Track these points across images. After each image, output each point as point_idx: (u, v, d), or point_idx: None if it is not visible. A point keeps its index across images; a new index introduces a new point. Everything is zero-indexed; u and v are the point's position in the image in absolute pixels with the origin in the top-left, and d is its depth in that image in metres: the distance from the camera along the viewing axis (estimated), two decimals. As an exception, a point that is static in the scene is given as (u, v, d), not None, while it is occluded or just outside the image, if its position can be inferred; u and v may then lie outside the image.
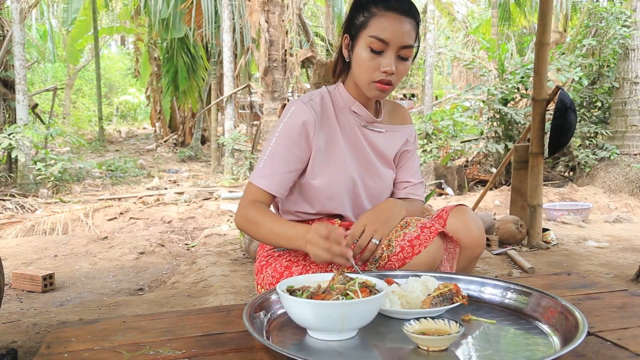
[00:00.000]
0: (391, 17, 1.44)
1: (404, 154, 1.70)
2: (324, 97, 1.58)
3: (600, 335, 1.03)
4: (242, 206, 1.50)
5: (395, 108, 1.72)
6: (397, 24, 1.44)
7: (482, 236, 1.55)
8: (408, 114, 1.76)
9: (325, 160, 1.53)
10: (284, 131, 1.50)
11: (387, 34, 1.43)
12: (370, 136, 1.60)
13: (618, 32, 7.92)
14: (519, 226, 4.33)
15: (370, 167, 1.60)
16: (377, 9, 1.45)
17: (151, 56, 14.72)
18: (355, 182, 1.57)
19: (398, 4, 1.45)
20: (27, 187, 8.08)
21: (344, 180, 1.55)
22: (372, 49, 1.45)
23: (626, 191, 7.56)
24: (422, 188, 1.74)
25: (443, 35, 17.09)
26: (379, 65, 1.45)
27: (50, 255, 4.46)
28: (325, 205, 1.56)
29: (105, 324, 1.16)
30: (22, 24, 8.49)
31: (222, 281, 3.33)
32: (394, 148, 1.66)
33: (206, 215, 6.40)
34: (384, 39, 1.43)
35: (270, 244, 1.50)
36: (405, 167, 1.71)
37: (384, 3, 1.45)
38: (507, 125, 8.26)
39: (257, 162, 1.55)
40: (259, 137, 10.98)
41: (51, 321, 2.66)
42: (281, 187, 1.50)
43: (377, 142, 1.61)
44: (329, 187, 1.54)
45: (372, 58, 1.46)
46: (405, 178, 1.71)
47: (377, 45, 1.44)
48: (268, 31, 8.62)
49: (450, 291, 1.11)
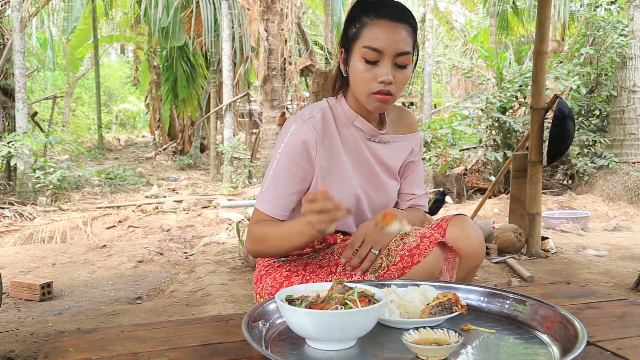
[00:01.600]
0: (383, 24, 1.40)
1: (409, 165, 1.67)
2: (325, 112, 1.53)
3: (600, 344, 1.02)
4: (248, 232, 1.49)
5: (401, 115, 1.67)
6: (389, 32, 1.40)
7: (482, 246, 1.54)
8: (414, 120, 1.71)
9: (328, 179, 1.50)
10: (284, 153, 1.46)
11: (380, 42, 1.39)
12: (375, 148, 1.56)
13: (615, 41, 7.95)
14: (518, 234, 4.32)
15: (376, 180, 1.57)
16: (369, 18, 1.42)
17: (151, 64, 14.75)
18: (359, 199, 1.55)
19: (389, 11, 1.41)
20: (26, 195, 8.07)
21: (348, 198, 1.52)
22: (367, 59, 1.41)
23: (625, 199, 7.56)
24: (426, 199, 1.71)
25: (442, 44, 17.19)
26: (376, 76, 1.41)
27: (49, 264, 4.45)
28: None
29: (104, 333, 1.15)
30: (22, 32, 8.52)
31: (221, 290, 3.32)
32: (399, 159, 1.62)
33: (205, 224, 6.38)
34: (377, 47, 1.39)
35: (286, 250, 1.45)
36: (410, 178, 1.68)
37: (375, 11, 1.42)
38: (505, 133, 8.27)
39: (260, 185, 1.52)
40: (257, 145, 10.99)
41: (49, 330, 2.64)
42: (285, 210, 1.48)
43: (382, 154, 1.58)
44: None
45: (368, 69, 1.41)
46: (410, 190, 1.68)
47: (371, 55, 1.40)
48: (267, 40, 8.64)
49: (450, 300, 1.11)
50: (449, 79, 19.11)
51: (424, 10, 14.52)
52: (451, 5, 20.79)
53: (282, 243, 1.42)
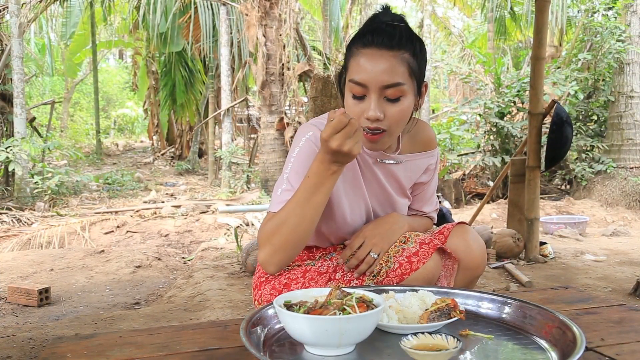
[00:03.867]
0: (368, 54, 1.27)
1: (419, 185, 1.60)
2: None
3: (599, 350, 1.02)
4: (259, 238, 1.36)
5: (419, 130, 1.55)
6: (373, 62, 1.26)
7: (484, 257, 1.51)
8: (433, 135, 1.58)
9: (341, 188, 1.43)
10: (300, 156, 1.37)
11: (363, 74, 1.26)
12: (387, 168, 1.49)
13: (613, 46, 7.99)
14: (516, 240, 4.32)
15: (384, 199, 1.52)
16: (356, 47, 1.30)
17: (149, 70, 14.77)
18: (369, 215, 1.51)
19: (375, 38, 1.28)
20: (24, 201, 8.06)
21: (361, 210, 1.48)
22: (354, 94, 1.30)
23: (623, 204, 7.57)
24: (435, 213, 1.68)
25: (440, 49, 17.23)
26: (363, 112, 1.29)
27: (47, 269, 4.44)
28: (336, 234, 1.51)
29: (102, 339, 1.15)
30: (20, 38, 8.53)
31: (219, 295, 3.32)
32: (412, 179, 1.56)
33: (203, 229, 6.38)
34: (359, 81, 1.27)
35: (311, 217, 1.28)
36: (420, 195, 1.63)
37: (361, 39, 1.30)
38: (503, 138, 8.29)
39: (274, 191, 1.40)
40: (256, 150, 10.99)
41: (47, 336, 2.63)
42: None
43: (395, 174, 1.51)
44: (348, 222, 1.47)
45: (356, 104, 1.30)
46: (419, 207, 1.65)
47: (357, 89, 1.28)
48: (265, 45, 8.67)
49: (448, 306, 1.11)
50: (447, 84, 19.16)
51: (422, 15, 14.56)
52: (449, 10, 20.88)
53: (304, 209, 1.26)
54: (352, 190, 1.46)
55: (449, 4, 17.99)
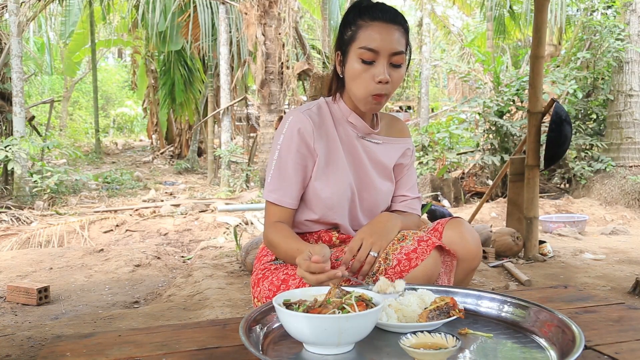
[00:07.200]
0: (378, 26, 1.47)
1: (401, 168, 1.71)
2: (322, 107, 1.61)
3: (598, 349, 1.02)
4: (265, 227, 1.56)
5: (393, 121, 1.74)
6: (384, 33, 1.47)
7: (479, 248, 1.54)
8: (406, 127, 1.78)
9: (325, 170, 1.56)
10: (284, 143, 1.53)
11: (376, 43, 1.46)
12: (368, 147, 1.62)
13: (612, 45, 7.99)
14: (515, 238, 4.33)
15: (366, 179, 1.61)
16: (364, 20, 1.49)
17: (148, 69, 14.76)
18: (353, 192, 1.60)
19: (383, 14, 1.48)
20: (23, 199, 8.05)
21: (344, 190, 1.57)
22: (363, 60, 1.47)
23: (622, 203, 7.58)
24: (418, 203, 1.74)
25: (439, 48, 17.23)
26: (373, 76, 1.47)
27: (46, 268, 4.44)
28: (325, 213, 1.57)
29: (101, 337, 1.15)
30: (19, 36, 8.51)
31: (218, 294, 3.32)
32: (392, 159, 1.67)
33: (202, 228, 6.37)
34: (374, 48, 1.46)
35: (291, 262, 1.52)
36: (402, 181, 1.72)
37: (370, 14, 1.49)
38: (503, 137, 8.29)
39: (265, 178, 1.57)
40: (255, 149, 10.99)
41: (46, 335, 2.63)
42: (292, 198, 1.54)
43: (375, 153, 1.63)
44: (331, 196, 1.55)
45: (365, 69, 1.48)
46: (401, 192, 1.72)
47: (368, 55, 1.47)
48: (265, 44, 8.67)
49: (447, 305, 1.11)
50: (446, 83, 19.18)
51: (421, 14, 14.55)
52: (448, 9, 20.87)
53: (286, 259, 1.52)
54: (336, 162, 1.56)
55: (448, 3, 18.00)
